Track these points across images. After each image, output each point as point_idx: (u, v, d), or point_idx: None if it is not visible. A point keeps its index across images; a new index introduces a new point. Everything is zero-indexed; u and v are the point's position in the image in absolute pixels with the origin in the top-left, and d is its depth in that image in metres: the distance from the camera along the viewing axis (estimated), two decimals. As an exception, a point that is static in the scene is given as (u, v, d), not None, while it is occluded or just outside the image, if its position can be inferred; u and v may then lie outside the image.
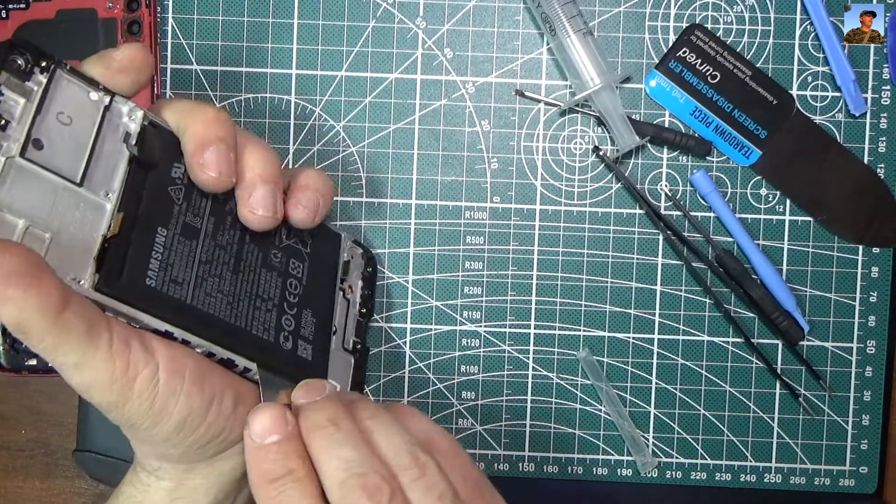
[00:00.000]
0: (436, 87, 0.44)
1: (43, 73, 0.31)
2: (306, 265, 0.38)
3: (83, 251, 0.30)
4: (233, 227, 0.35)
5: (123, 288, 0.30)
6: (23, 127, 0.30)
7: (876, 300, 0.44)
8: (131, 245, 0.31)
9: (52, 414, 0.46)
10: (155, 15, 0.43)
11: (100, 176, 0.31)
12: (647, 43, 0.44)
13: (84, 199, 0.31)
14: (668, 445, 0.45)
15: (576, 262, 0.44)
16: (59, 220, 0.30)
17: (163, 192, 0.33)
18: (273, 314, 0.36)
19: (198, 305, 0.33)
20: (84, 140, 0.31)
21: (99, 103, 0.32)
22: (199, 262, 0.33)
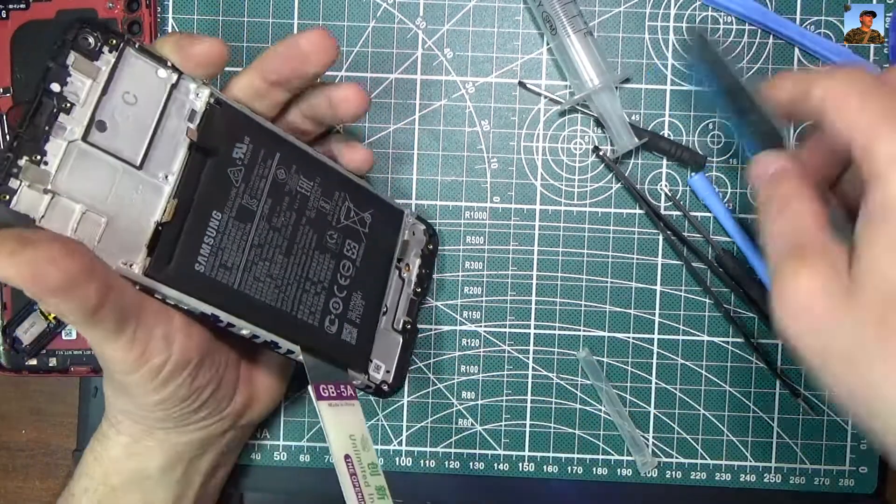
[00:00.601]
0: (436, 87, 0.44)
1: (112, 52, 0.31)
2: (362, 246, 0.38)
3: (137, 234, 0.31)
4: (290, 208, 0.35)
5: (172, 274, 0.31)
6: (87, 109, 0.30)
7: (876, 300, 0.44)
8: (184, 230, 0.32)
9: (52, 414, 0.46)
10: (155, 15, 0.43)
11: (160, 157, 0.32)
12: (647, 43, 0.44)
13: (143, 182, 0.31)
14: (668, 445, 0.45)
15: (576, 262, 0.44)
16: (116, 204, 0.30)
17: (221, 175, 0.33)
18: (321, 297, 0.36)
19: (245, 291, 0.33)
20: (148, 120, 0.32)
21: (166, 81, 0.32)
22: (251, 245, 0.34)
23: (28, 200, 0.28)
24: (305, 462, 0.45)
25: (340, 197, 0.38)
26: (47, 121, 0.29)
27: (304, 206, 0.36)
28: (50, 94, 0.29)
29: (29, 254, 0.27)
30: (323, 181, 0.37)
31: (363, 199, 0.39)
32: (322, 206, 0.37)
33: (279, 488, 0.45)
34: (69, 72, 0.30)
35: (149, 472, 0.37)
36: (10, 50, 0.43)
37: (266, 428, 0.45)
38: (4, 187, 0.28)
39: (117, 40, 0.31)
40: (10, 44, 0.43)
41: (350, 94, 0.35)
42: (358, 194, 0.38)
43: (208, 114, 0.33)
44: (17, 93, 0.43)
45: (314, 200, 0.36)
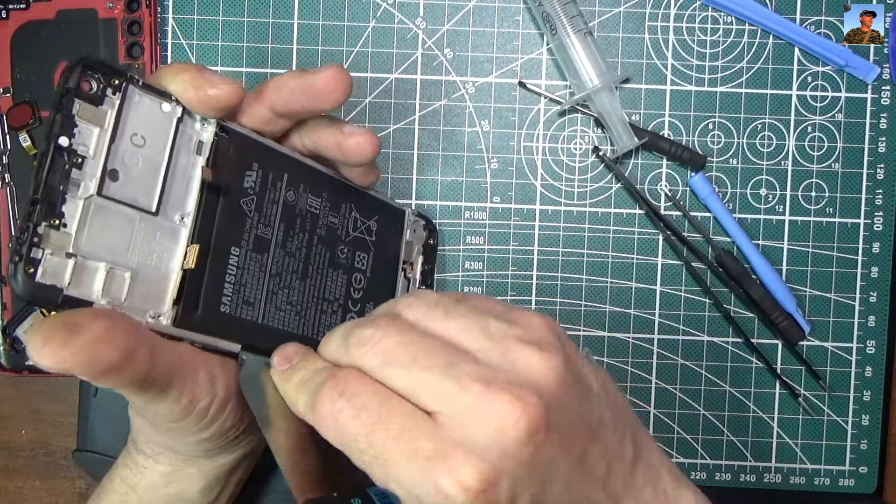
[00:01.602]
0: (436, 87, 0.44)
1: (115, 94, 0.30)
2: (371, 255, 0.38)
3: (160, 283, 0.30)
4: (302, 229, 0.35)
5: (200, 321, 0.31)
6: (98, 160, 0.29)
7: (876, 300, 0.44)
8: (206, 273, 0.31)
9: (52, 414, 0.46)
10: (155, 15, 0.43)
11: (174, 199, 0.31)
12: (647, 43, 0.44)
13: (160, 228, 0.31)
14: (668, 445, 0.45)
15: (576, 262, 0.44)
16: (137, 255, 0.30)
17: (236, 208, 0.33)
18: (338, 315, 0.36)
19: (268, 323, 0.33)
20: (158, 160, 0.31)
21: (171, 114, 0.31)
22: (269, 275, 0.34)
23: (52, 268, 0.28)
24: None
25: (347, 208, 0.37)
26: (60, 179, 0.28)
27: (315, 225, 0.36)
28: (60, 150, 0.28)
29: (80, 339, 0.26)
30: (330, 195, 0.37)
31: (368, 206, 0.39)
32: (331, 221, 0.37)
33: (279, 488, 0.45)
34: (75, 122, 0.29)
35: (190, 495, 0.36)
36: (10, 50, 0.43)
37: (266, 428, 0.45)
38: (28, 259, 0.27)
39: (120, 80, 0.30)
40: (10, 44, 0.43)
41: (363, 142, 0.34)
42: (362, 201, 0.38)
43: (217, 144, 0.32)
44: (17, 93, 0.43)
45: (323, 217, 0.36)
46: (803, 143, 0.44)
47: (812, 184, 0.44)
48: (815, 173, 0.44)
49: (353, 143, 0.34)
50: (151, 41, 0.43)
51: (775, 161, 0.44)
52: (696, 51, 0.44)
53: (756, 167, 0.44)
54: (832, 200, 0.44)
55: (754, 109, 0.44)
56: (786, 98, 0.44)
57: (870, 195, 0.44)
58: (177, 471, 0.35)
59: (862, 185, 0.44)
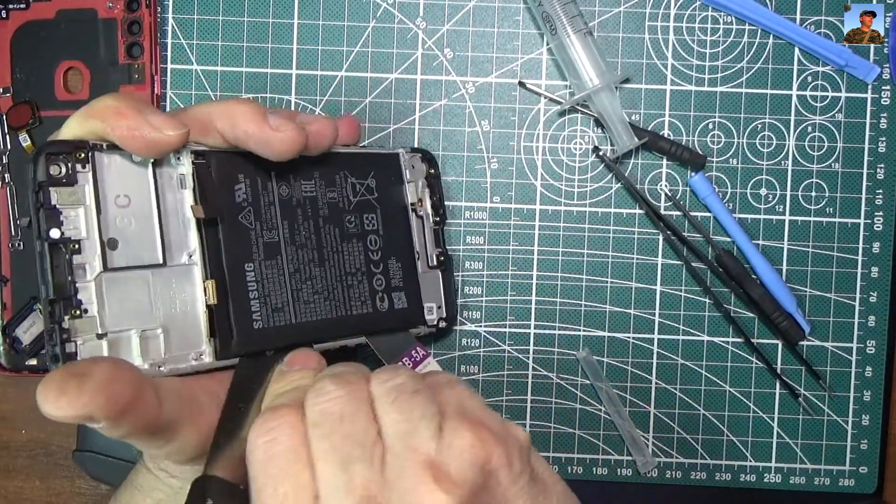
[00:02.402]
0: (436, 87, 0.44)
1: (85, 167, 0.30)
2: (378, 213, 0.39)
3: (192, 325, 0.31)
4: (305, 218, 0.36)
5: (239, 345, 0.32)
6: (93, 238, 0.29)
7: (876, 300, 0.44)
8: (230, 300, 0.32)
9: (52, 414, 0.46)
10: (155, 15, 0.43)
11: (176, 242, 0.32)
12: (647, 43, 0.44)
13: (173, 274, 0.31)
14: (668, 445, 0.45)
15: (576, 262, 0.44)
16: (160, 308, 0.31)
17: (237, 228, 0.33)
18: (364, 283, 0.38)
19: (303, 321, 0.35)
20: (148, 212, 0.31)
21: (145, 162, 0.31)
22: (288, 275, 0.35)
23: (89, 353, 0.29)
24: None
25: (342, 178, 0.38)
26: (67, 271, 0.29)
27: (317, 208, 0.36)
28: (55, 245, 0.29)
29: (92, 383, 0.26)
30: (321, 172, 0.37)
31: (360, 166, 0.39)
32: (331, 197, 0.37)
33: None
34: (59, 210, 0.29)
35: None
36: (10, 50, 0.43)
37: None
38: (66, 355, 0.28)
39: (84, 152, 0.30)
40: (10, 44, 0.43)
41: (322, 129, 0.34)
42: (354, 164, 0.38)
43: (197, 173, 0.32)
44: (17, 93, 0.43)
45: (322, 197, 0.37)
46: (803, 143, 0.44)
47: (812, 184, 0.44)
48: (815, 173, 0.44)
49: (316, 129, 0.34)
50: (151, 41, 0.43)
51: (775, 161, 0.44)
52: (696, 51, 0.44)
53: (756, 167, 0.44)
54: (832, 200, 0.44)
55: (754, 109, 0.44)
56: (786, 98, 0.44)
57: (870, 195, 0.44)
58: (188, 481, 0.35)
59: (862, 185, 0.44)
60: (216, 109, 0.32)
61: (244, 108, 0.31)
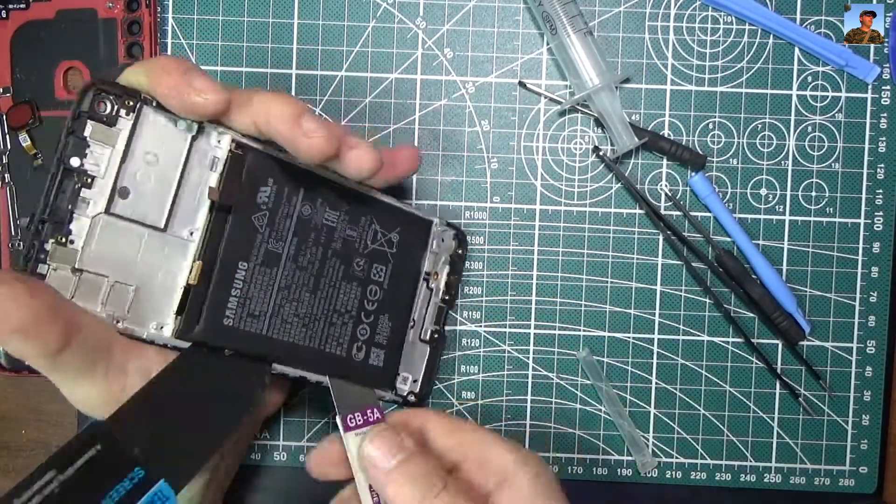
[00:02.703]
0: (436, 87, 0.44)
1: (129, 115, 0.30)
2: (389, 267, 0.38)
3: (165, 297, 0.31)
4: (316, 243, 0.35)
5: (201, 333, 0.31)
6: (109, 179, 0.29)
7: (876, 300, 0.44)
8: (211, 287, 0.32)
9: (52, 414, 0.46)
10: (155, 15, 0.43)
11: (184, 214, 0.31)
12: (647, 43, 0.44)
13: (168, 243, 0.31)
14: (668, 445, 0.45)
15: (576, 262, 0.44)
16: (143, 269, 0.30)
17: (246, 225, 0.33)
18: (349, 327, 0.36)
19: (273, 336, 0.33)
20: (170, 177, 0.31)
21: (187, 132, 0.31)
22: (277, 288, 0.34)
23: (57, 283, 0.29)
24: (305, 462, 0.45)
25: (367, 221, 0.37)
26: (70, 199, 0.29)
27: (331, 239, 0.36)
28: (70, 172, 0.29)
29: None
30: (349, 208, 0.36)
31: (390, 218, 0.38)
32: (349, 234, 0.36)
33: (279, 488, 0.45)
34: (87, 143, 0.29)
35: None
36: (10, 50, 0.43)
37: (266, 428, 0.45)
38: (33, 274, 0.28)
39: (134, 101, 0.30)
40: (10, 44, 0.43)
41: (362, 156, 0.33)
42: (385, 214, 0.38)
43: (230, 160, 0.32)
44: (17, 93, 0.43)
45: (340, 231, 0.36)
46: (803, 143, 0.44)
47: (812, 184, 0.44)
48: (815, 173, 0.44)
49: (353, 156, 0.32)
50: (151, 41, 0.43)
51: (775, 161, 0.44)
52: (696, 51, 0.44)
53: (756, 167, 0.44)
54: (832, 200, 0.44)
55: (754, 109, 0.44)
56: (786, 98, 0.44)
57: (870, 195, 0.44)
58: None
59: (862, 185, 0.44)
60: (259, 97, 0.31)
61: (283, 107, 0.31)
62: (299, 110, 0.31)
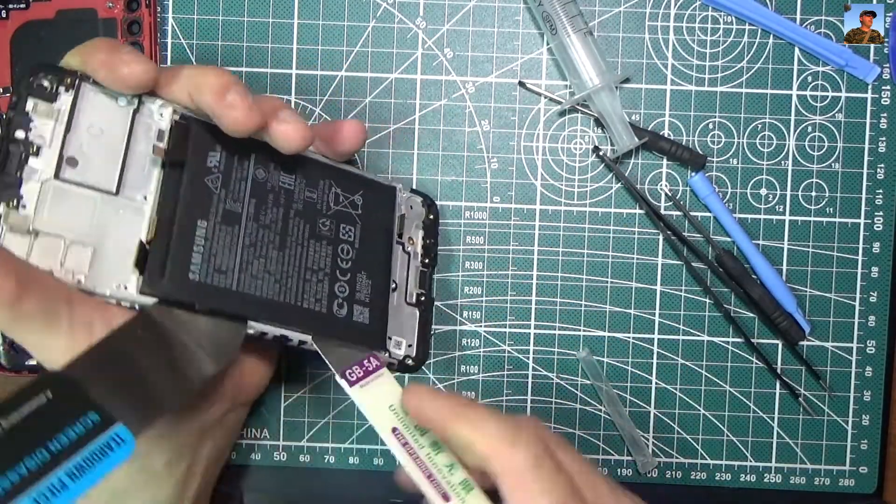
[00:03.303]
0: (436, 87, 0.44)
1: (68, 91, 0.31)
2: (358, 227, 0.37)
3: (127, 257, 0.31)
4: (275, 204, 0.35)
5: (167, 288, 0.31)
6: (55, 149, 0.31)
7: (876, 300, 0.44)
8: (171, 243, 0.32)
9: (52, 414, 0.46)
10: (155, 15, 0.43)
11: (135, 180, 0.32)
12: (647, 43, 0.44)
13: (122, 206, 0.32)
14: (668, 445, 0.45)
15: (576, 262, 0.44)
16: (99, 231, 0.31)
17: (200, 185, 0.33)
18: (325, 284, 0.35)
19: (245, 290, 0.33)
20: (117, 147, 0.32)
21: (128, 108, 0.33)
22: (242, 246, 0.33)
23: (12, 244, 0.29)
24: (305, 462, 0.45)
25: (326, 185, 0.37)
26: (18, 167, 0.30)
27: (290, 200, 0.35)
28: (16, 142, 0.30)
29: None
30: (305, 172, 0.36)
31: (351, 183, 0.38)
32: (308, 196, 0.36)
33: (279, 488, 0.45)
34: (31, 118, 0.30)
35: (154, 468, 0.35)
36: (10, 50, 0.43)
37: (266, 428, 0.45)
38: None
39: (72, 78, 0.31)
40: (10, 44, 0.43)
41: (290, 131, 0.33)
42: (344, 179, 0.38)
43: (175, 130, 0.33)
44: (17, 93, 0.43)
45: (299, 193, 0.36)
46: (803, 143, 0.44)
47: (812, 184, 0.44)
48: (815, 173, 0.44)
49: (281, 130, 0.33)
50: (151, 41, 0.43)
51: (775, 161, 0.44)
52: (696, 51, 0.44)
53: (756, 167, 0.44)
54: (832, 200, 0.44)
55: (754, 109, 0.44)
56: (786, 98, 0.44)
57: (870, 195, 0.44)
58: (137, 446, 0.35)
59: (862, 185, 0.44)
60: (189, 69, 0.33)
61: (211, 78, 0.32)
62: (226, 82, 0.32)
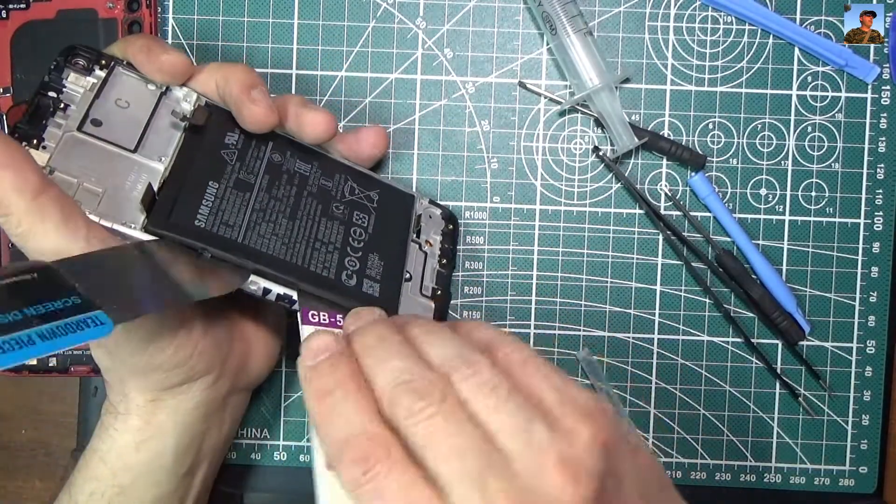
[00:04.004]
0: (436, 87, 0.44)
1: (102, 70, 0.34)
2: (372, 217, 0.38)
3: (136, 202, 0.32)
4: (289, 183, 0.36)
5: (172, 226, 0.32)
6: (81, 109, 0.33)
7: (876, 300, 0.44)
8: (181, 192, 0.33)
9: (52, 414, 0.46)
10: (155, 15, 0.43)
11: (154, 143, 0.34)
12: (647, 43, 0.44)
13: (138, 164, 0.33)
14: (668, 445, 0.45)
15: (576, 262, 0.44)
16: (113, 180, 0.32)
17: (216, 154, 0.35)
18: (335, 255, 0.36)
19: (250, 244, 0.33)
20: (140, 118, 0.34)
21: (156, 92, 0.35)
22: (252, 209, 0.34)
23: None
24: (305, 462, 0.45)
25: (342, 178, 0.38)
26: (45, 118, 0.32)
27: (305, 183, 0.36)
28: (47, 98, 0.33)
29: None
30: (321, 164, 0.37)
31: (368, 182, 0.39)
32: (323, 183, 0.37)
33: (279, 488, 0.45)
34: (63, 84, 0.33)
35: (164, 459, 0.35)
36: (10, 50, 0.43)
37: (266, 428, 0.45)
38: None
39: (108, 60, 0.34)
40: (10, 44, 0.43)
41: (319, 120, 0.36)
42: (362, 178, 0.39)
43: (198, 110, 0.35)
44: (17, 93, 0.43)
45: (314, 179, 0.37)
46: (803, 143, 0.44)
47: (812, 184, 0.44)
48: (815, 173, 0.44)
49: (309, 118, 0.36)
50: (151, 41, 0.43)
51: (775, 161, 0.44)
52: (696, 51, 0.44)
53: (756, 167, 0.44)
54: (832, 200, 0.44)
55: (754, 109, 0.44)
56: (786, 98, 0.44)
57: (870, 195, 0.44)
58: (146, 424, 0.35)
59: (862, 185, 0.44)
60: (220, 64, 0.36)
61: (241, 74, 0.35)
62: (254, 80, 0.35)
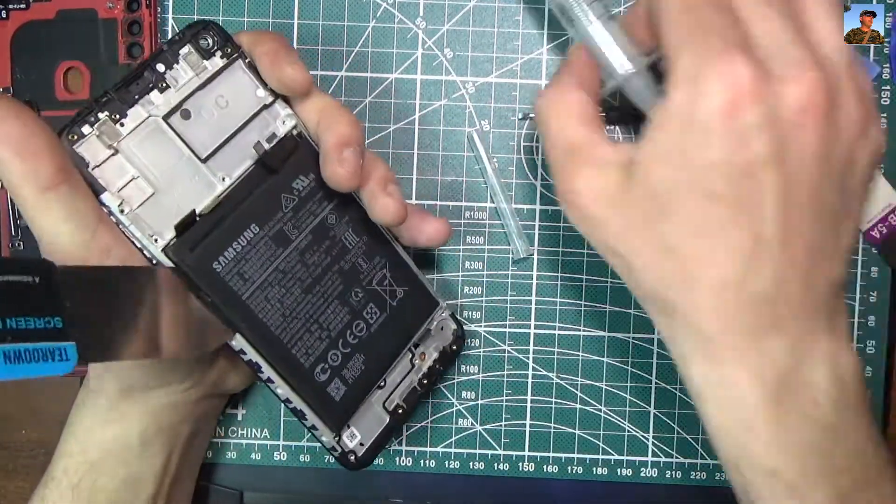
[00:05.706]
0: (436, 87, 0.44)
1: (223, 58, 0.33)
2: (384, 316, 0.37)
3: (174, 216, 0.32)
4: (327, 252, 0.35)
5: (188, 261, 0.32)
6: (180, 95, 0.32)
7: (876, 300, 0.44)
8: (217, 228, 0.33)
9: (53, 414, 0.46)
10: (155, 15, 0.43)
11: (225, 160, 0.33)
12: (647, 43, 0.44)
13: (200, 174, 0.33)
14: (668, 445, 0.45)
15: (576, 261, 0.44)
16: (168, 182, 0.32)
17: (274, 196, 0.34)
18: (322, 344, 0.35)
19: (250, 305, 0.33)
20: (230, 125, 0.33)
21: (261, 101, 0.34)
22: (275, 268, 0.34)
23: (91, 149, 0.30)
24: (305, 462, 0.45)
25: (380, 263, 0.37)
26: (140, 91, 0.31)
27: (341, 257, 0.36)
28: (152, 71, 0.32)
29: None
30: (369, 241, 0.37)
31: (402, 276, 0.38)
32: (359, 263, 0.36)
33: (279, 488, 0.45)
34: (178, 59, 0.32)
35: (129, 441, 0.36)
36: (10, 50, 0.43)
37: (266, 428, 0.45)
38: (76, 129, 0.30)
39: (232, 49, 0.33)
40: (10, 44, 0.43)
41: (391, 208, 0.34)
42: (399, 269, 0.38)
43: (286, 140, 0.34)
44: (17, 93, 0.43)
45: (353, 255, 0.36)
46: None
47: (812, 184, 0.44)
48: (815, 173, 0.44)
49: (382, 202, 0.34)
50: (151, 41, 0.43)
51: (775, 161, 0.44)
52: (696, 51, 0.44)
53: (756, 167, 0.44)
54: (832, 200, 0.44)
55: (754, 109, 0.44)
56: (786, 98, 0.44)
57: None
58: (113, 408, 0.36)
59: (862, 185, 0.44)
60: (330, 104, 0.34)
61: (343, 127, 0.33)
62: (353, 138, 0.33)
